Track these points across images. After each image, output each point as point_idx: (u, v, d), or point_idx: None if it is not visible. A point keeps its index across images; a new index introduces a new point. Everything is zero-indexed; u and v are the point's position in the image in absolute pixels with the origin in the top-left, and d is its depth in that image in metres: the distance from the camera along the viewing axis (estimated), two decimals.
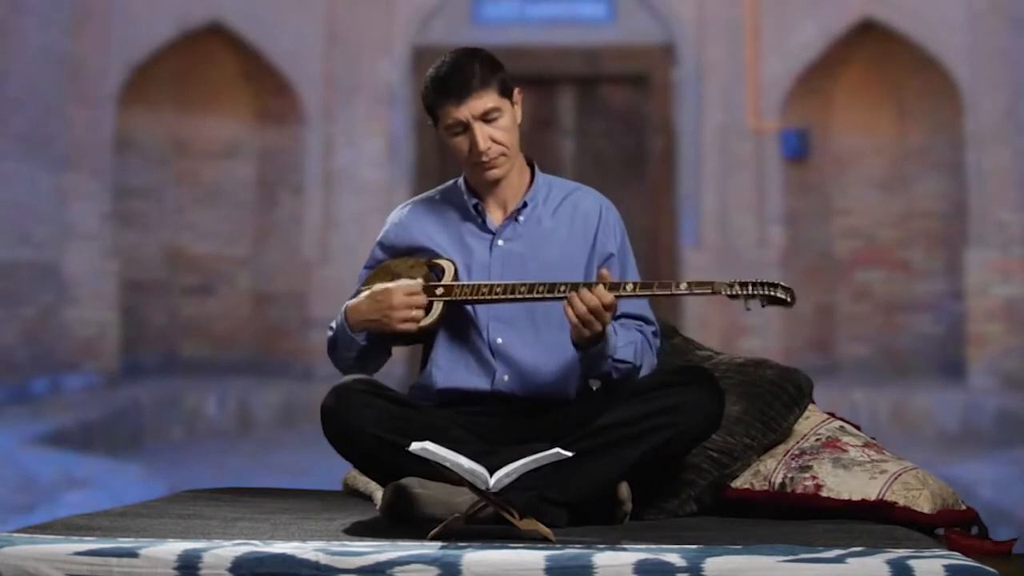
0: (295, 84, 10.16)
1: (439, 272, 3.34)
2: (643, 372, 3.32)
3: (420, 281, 3.29)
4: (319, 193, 10.15)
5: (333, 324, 3.37)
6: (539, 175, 3.44)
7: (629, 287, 3.19)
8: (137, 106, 9.90)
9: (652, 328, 3.38)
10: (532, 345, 3.31)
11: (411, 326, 3.26)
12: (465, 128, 3.29)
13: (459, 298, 3.28)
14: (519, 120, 3.35)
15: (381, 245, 3.46)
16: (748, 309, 3.19)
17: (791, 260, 9.90)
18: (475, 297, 3.27)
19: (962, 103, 9.64)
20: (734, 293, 3.14)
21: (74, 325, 9.61)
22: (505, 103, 3.32)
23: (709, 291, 3.15)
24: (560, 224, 3.38)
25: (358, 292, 3.39)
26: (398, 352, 3.49)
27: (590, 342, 3.19)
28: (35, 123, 9.46)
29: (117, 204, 9.82)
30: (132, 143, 9.97)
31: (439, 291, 3.30)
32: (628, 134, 10.23)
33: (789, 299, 3.15)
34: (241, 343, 10.18)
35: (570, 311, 3.15)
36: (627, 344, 3.27)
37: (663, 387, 3.21)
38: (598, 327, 3.15)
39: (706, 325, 9.40)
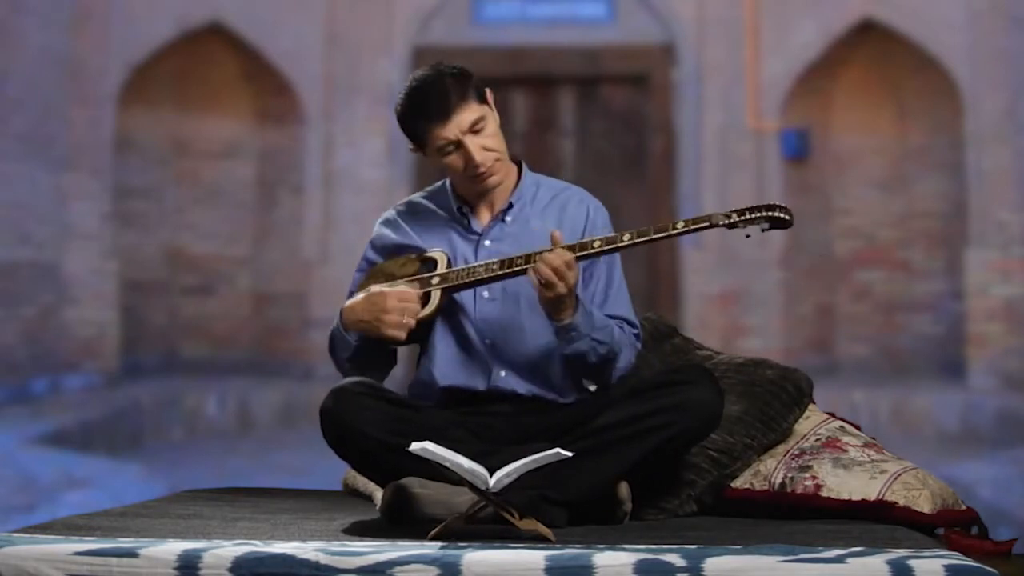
0: (295, 84, 10.15)
1: (432, 265, 3.34)
2: (620, 367, 3.30)
3: (416, 289, 3.28)
4: (319, 193, 10.15)
5: (335, 323, 3.38)
6: (527, 174, 3.43)
7: (627, 237, 3.18)
8: (137, 106, 9.89)
9: (634, 330, 3.38)
10: (524, 342, 3.31)
11: (400, 333, 3.25)
12: (457, 146, 3.28)
13: (456, 283, 3.28)
14: (499, 121, 3.34)
15: (372, 246, 3.47)
16: (748, 236, 3.20)
17: (791, 260, 9.90)
18: (472, 279, 3.26)
19: (962, 103, 9.64)
20: (732, 222, 3.16)
21: (74, 325, 9.60)
22: (485, 109, 3.31)
23: (707, 224, 3.18)
24: (548, 224, 3.36)
25: (350, 294, 3.39)
26: (398, 352, 3.49)
27: (555, 307, 3.18)
28: (35, 123, 9.46)
29: (117, 204, 9.82)
30: (132, 143, 9.97)
31: (435, 280, 3.29)
32: (628, 134, 10.23)
33: (788, 217, 3.17)
34: (241, 343, 10.18)
35: (533, 274, 3.16)
36: (605, 326, 3.26)
37: (663, 386, 3.21)
38: (562, 288, 3.14)
39: (706, 325, 9.40)
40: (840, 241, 10.03)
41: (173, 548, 2.57)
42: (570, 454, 2.88)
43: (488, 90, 3.34)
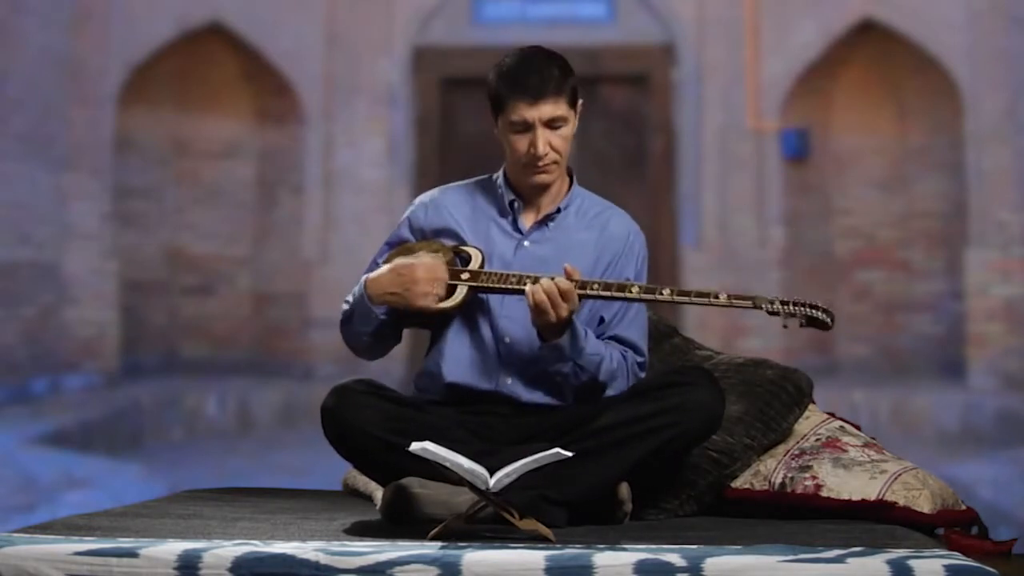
0: (295, 84, 10.15)
1: (465, 259, 3.33)
2: (609, 393, 3.30)
3: (442, 260, 3.28)
4: (319, 193, 10.15)
5: (349, 298, 3.35)
6: (576, 186, 3.43)
7: (666, 292, 3.18)
8: (137, 106, 9.90)
9: (640, 359, 3.37)
10: (538, 348, 3.30)
11: (430, 302, 3.25)
12: (527, 128, 3.28)
13: (485, 285, 3.27)
14: (575, 130, 3.34)
15: (409, 225, 3.43)
16: (785, 327, 3.20)
17: (791, 260, 9.90)
18: (499, 286, 3.26)
19: (962, 103, 9.64)
20: (775, 310, 3.16)
21: (74, 325, 9.60)
22: (571, 113, 3.31)
23: (750, 304, 3.17)
24: (589, 239, 3.38)
25: (374, 264, 3.38)
26: (398, 352, 3.49)
27: (548, 331, 3.19)
28: (35, 123, 9.46)
29: (117, 204, 9.82)
30: (132, 143, 9.97)
31: (464, 276, 3.29)
32: (628, 134, 10.23)
33: (830, 321, 3.17)
34: (241, 343, 10.18)
35: (530, 296, 3.16)
36: (594, 355, 3.26)
37: (664, 387, 3.21)
38: (551, 317, 3.15)
39: (706, 325, 9.39)
40: (840, 241, 10.04)
41: (173, 548, 2.57)
42: (570, 454, 2.88)
43: (581, 100, 3.34)
